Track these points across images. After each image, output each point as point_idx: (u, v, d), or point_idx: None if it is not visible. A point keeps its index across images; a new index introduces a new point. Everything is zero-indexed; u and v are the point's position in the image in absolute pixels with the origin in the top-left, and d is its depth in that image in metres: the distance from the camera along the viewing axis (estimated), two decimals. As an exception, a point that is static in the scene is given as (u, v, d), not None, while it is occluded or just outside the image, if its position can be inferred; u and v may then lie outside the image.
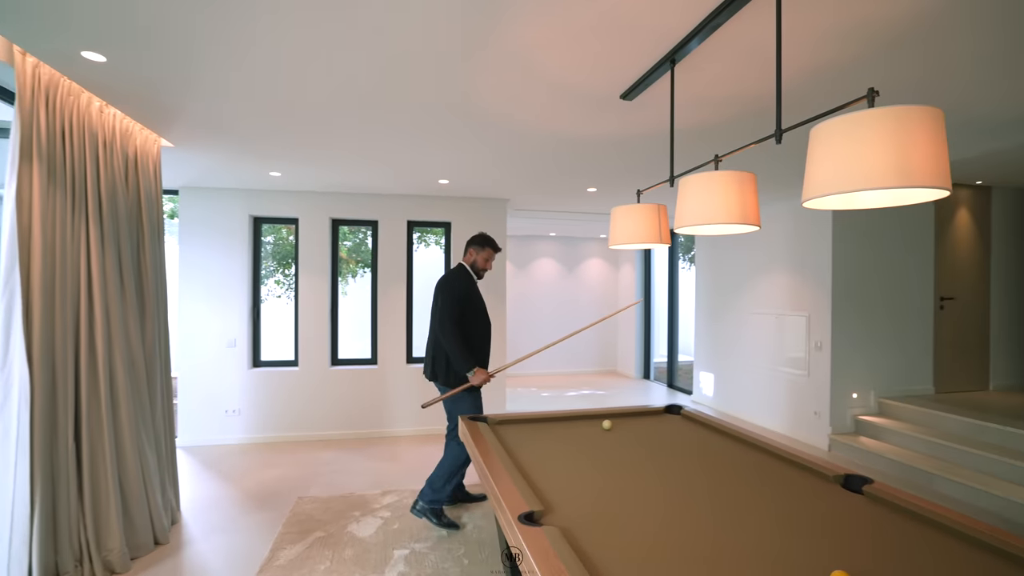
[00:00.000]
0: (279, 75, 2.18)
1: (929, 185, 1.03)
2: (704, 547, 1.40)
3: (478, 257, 3.14)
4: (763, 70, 2.09)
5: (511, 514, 1.55)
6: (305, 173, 3.97)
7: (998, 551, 1.34)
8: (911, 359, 4.67)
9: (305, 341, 4.68)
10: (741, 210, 1.59)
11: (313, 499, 3.30)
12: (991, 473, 3.42)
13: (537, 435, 2.47)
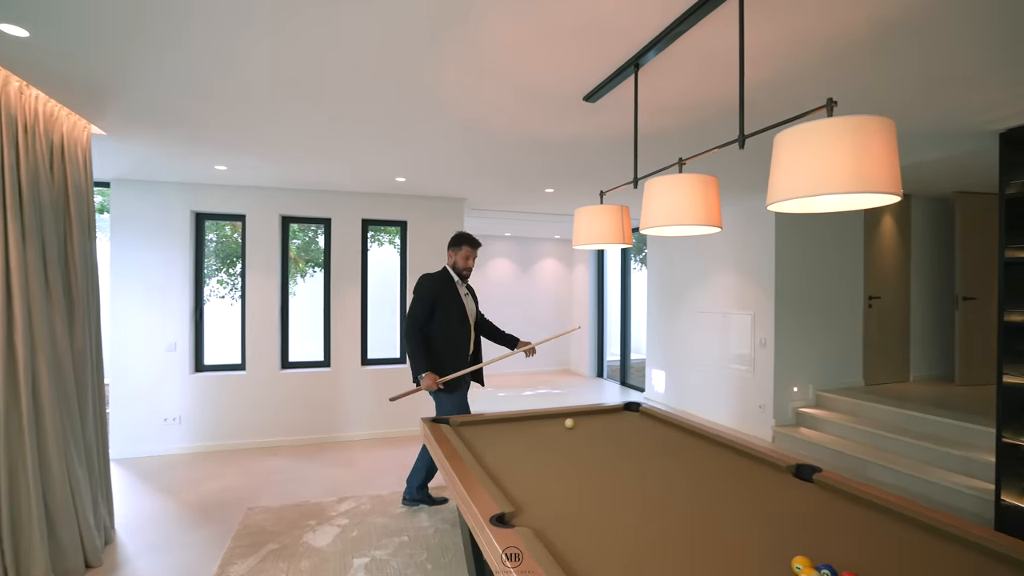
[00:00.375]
0: (226, 60, 2.05)
1: (883, 191, 1.10)
2: (673, 539, 1.43)
3: (457, 257, 3.08)
4: (723, 77, 2.17)
5: (482, 517, 1.53)
6: (254, 167, 3.78)
7: (934, 529, 1.45)
8: (844, 354, 5.01)
9: (253, 344, 4.46)
10: (705, 212, 1.64)
11: (264, 509, 3.15)
12: (915, 458, 3.72)
13: (501, 436, 2.45)
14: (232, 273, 6.46)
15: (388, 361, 4.91)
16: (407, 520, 3.00)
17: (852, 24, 1.75)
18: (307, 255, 7.24)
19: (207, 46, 1.92)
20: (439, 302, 2.98)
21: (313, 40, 1.88)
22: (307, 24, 1.77)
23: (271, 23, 1.76)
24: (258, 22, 1.75)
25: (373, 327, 4.92)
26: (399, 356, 4.99)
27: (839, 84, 2.24)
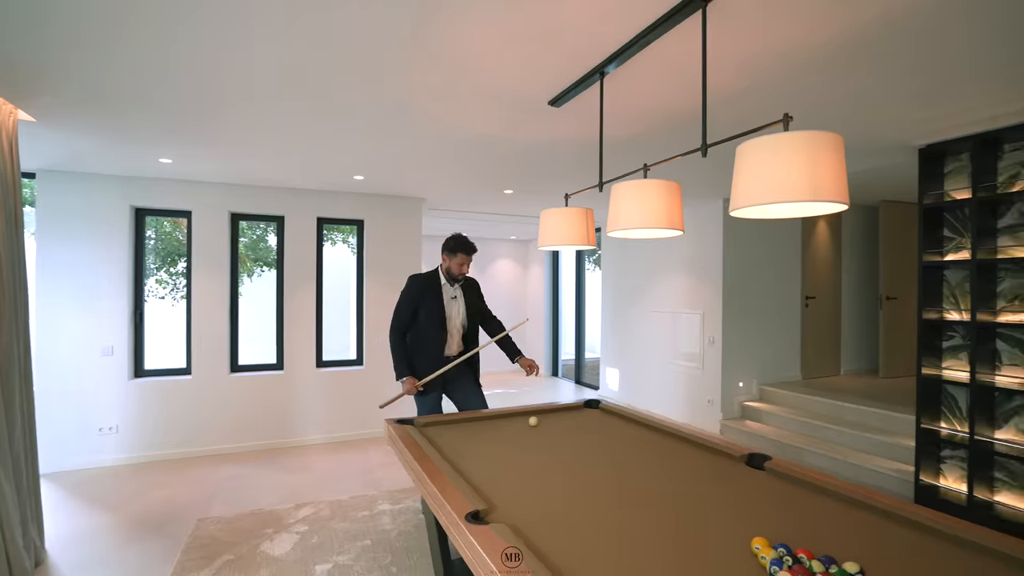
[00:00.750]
0: (175, 49, 1.96)
1: (834, 200, 1.21)
2: (640, 527, 1.50)
3: (451, 263, 2.99)
4: (684, 87, 2.27)
5: (457, 515, 1.55)
6: (202, 162, 3.60)
7: (869, 507, 1.60)
8: (784, 350, 5.34)
9: (200, 346, 4.23)
10: (669, 216, 1.73)
11: (216, 519, 3.01)
12: (846, 444, 4.02)
13: (466, 435, 2.47)
14: (173, 272, 6.11)
15: (344, 363, 4.80)
16: (369, 524, 2.96)
17: (803, 44, 1.89)
18: (255, 254, 6.96)
19: (155, 31, 1.82)
20: (421, 304, 2.97)
21: (272, 34, 1.83)
22: (268, 17, 1.72)
23: (226, 10, 1.70)
24: (211, 10, 1.68)
25: (328, 328, 4.79)
26: (355, 358, 4.88)
27: (791, 97, 2.40)
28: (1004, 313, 2.97)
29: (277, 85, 2.28)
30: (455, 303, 3.06)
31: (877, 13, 1.67)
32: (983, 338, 3.00)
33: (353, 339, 4.95)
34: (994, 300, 3.01)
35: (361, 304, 4.86)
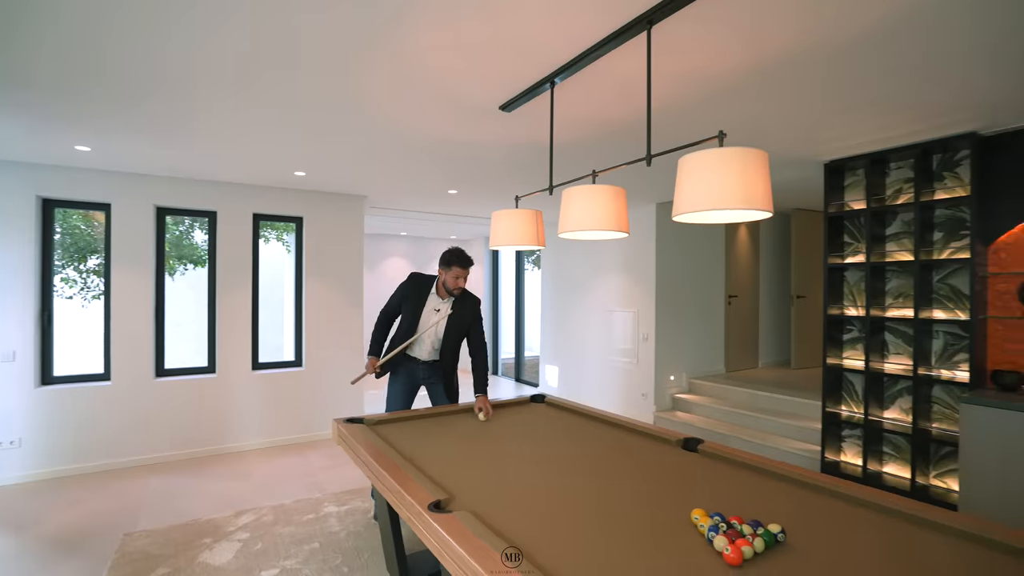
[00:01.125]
0: (102, 25, 1.85)
1: (761, 208, 1.38)
2: (592, 506, 1.63)
3: (446, 276, 2.92)
4: (627, 99, 2.43)
5: (419, 506, 1.60)
6: (124, 150, 3.35)
7: (791, 480, 1.82)
8: (710, 345, 5.76)
9: (121, 350, 3.93)
10: (616, 219, 1.87)
11: (146, 533, 2.83)
12: (763, 429, 4.43)
13: (418, 431, 2.50)
14: (82, 270, 5.60)
15: (281, 365, 4.63)
16: (316, 527, 2.90)
17: (736, 67, 2.10)
18: (178, 251, 6.51)
19: (77, 3, 1.72)
20: (406, 302, 3.02)
21: (214, 21, 1.79)
22: (215, 4, 1.68)
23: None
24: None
25: (266, 330, 4.60)
26: (293, 359, 4.72)
27: (717, 114, 2.63)
28: (891, 309, 3.41)
29: (217, 75, 2.20)
30: (436, 315, 2.99)
31: (781, 46, 1.90)
32: (874, 331, 3.43)
33: (291, 340, 4.78)
34: (883, 297, 3.45)
35: (300, 304, 4.70)
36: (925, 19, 1.72)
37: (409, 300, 3.01)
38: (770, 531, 1.38)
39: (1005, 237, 2.92)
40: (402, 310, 3.03)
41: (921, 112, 2.61)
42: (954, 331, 3.13)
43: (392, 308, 3.08)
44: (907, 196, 3.27)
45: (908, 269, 3.30)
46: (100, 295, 5.75)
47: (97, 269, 5.74)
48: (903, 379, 3.33)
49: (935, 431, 3.16)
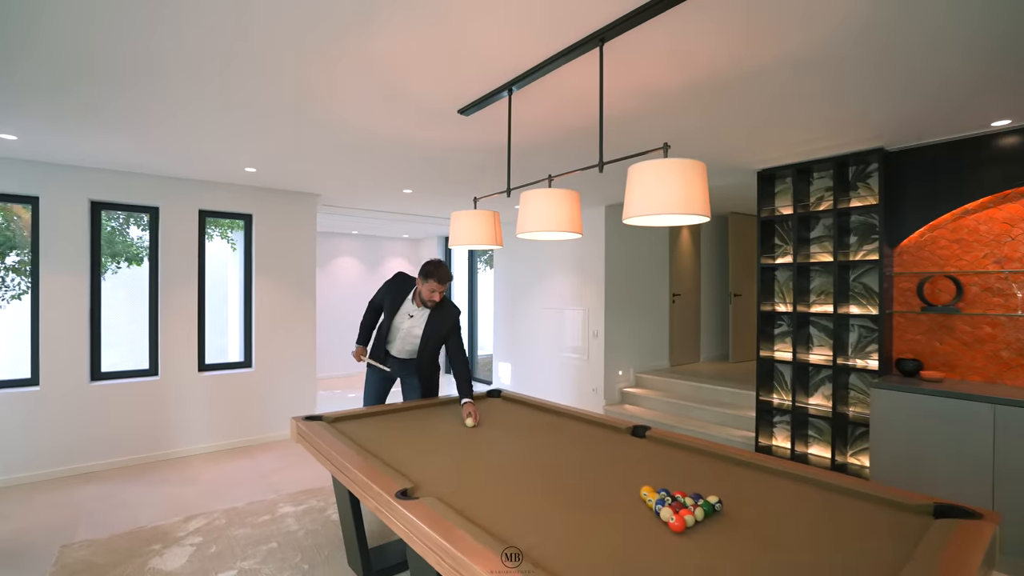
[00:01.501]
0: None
1: (700, 213, 1.54)
2: (550, 488, 1.75)
3: (423, 288, 2.89)
4: (584, 108, 2.57)
5: (387, 494, 1.66)
6: (57, 139, 3.16)
7: (728, 458, 2.02)
8: (655, 341, 6.07)
9: (51, 353, 3.69)
10: (571, 221, 2.00)
11: (86, 543, 2.70)
12: (704, 419, 4.73)
13: (377, 426, 2.55)
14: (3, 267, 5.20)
15: (229, 366, 4.49)
16: (273, 527, 2.87)
17: (676, 85, 2.28)
18: (111, 248, 6.15)
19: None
20: (385, 302, 3.09)
21: (170, 10, 1.78)
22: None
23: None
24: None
25: (212, 330, 4.45)
26: (242, 360, 4.59)
27: (663, 125, 2.82)
28: (815, 305, 3.76)
29: (161, 68, 2.15)
30: (410, 321, 3.00)
31: (713, 71, 2.10)
32: (801, 325, 3.76)
33: (235, 341, 4.64)
34: (808, 295, 3.80)
35: (249, 304, 4.58)
36: (836, 51, 1.96)
37: (388, 304, 3.06)
38: (709, 502, 1.55)
39: (907, 241, 3.30)
40: (384, 308, 3.11)
41: (836, 129, 2.91)
42: (866, 324, 3.49)
43: (376, 302, 3.21)
44: (827, 203, 3.62)
45: (828, 269, 3.64)
46: (20, 295, 5.36)
47: (17, 267, 5.34)
48: (825, 368, 3.68)
49: (851, 414, 3.51)
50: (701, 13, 1.70)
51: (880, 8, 1.67)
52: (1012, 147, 2.85)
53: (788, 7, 1.66)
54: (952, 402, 2.72)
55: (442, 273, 2.86)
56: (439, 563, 1.35)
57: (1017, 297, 2.86)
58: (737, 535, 1.42)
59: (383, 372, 3.14)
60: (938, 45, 1.91)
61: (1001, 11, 1.69)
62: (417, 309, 3.00)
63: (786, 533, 1.44)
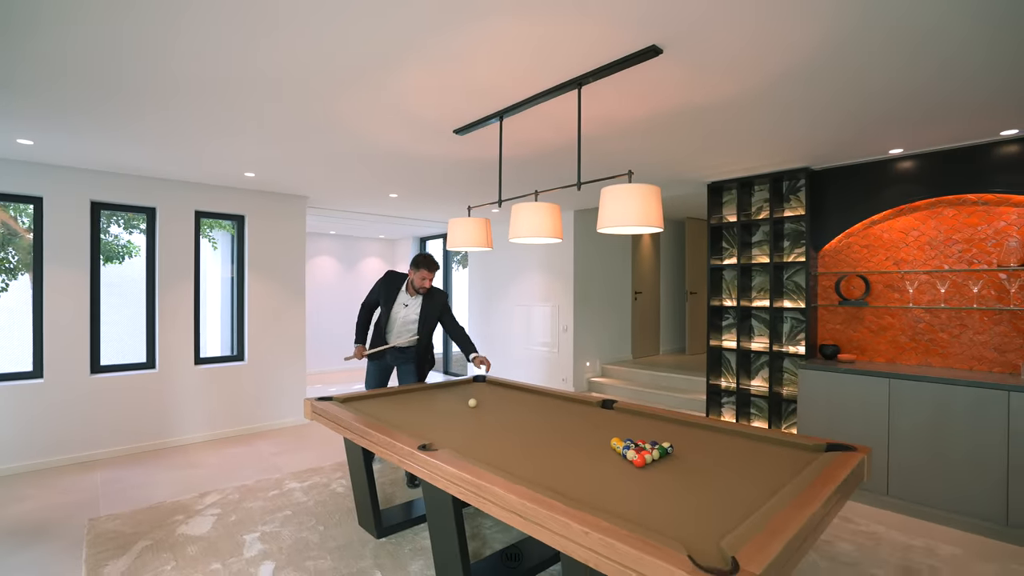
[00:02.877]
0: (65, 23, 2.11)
1: (655, 226, 2.02)
2: (536, 444, 2.19)
3: (414, 276, 3.44)
4: (564, 132, 3.02)
5: (411, 448, 2.06)
6: (67, 144, 3.36)
7: (679, 420, 2.51)
8: (619, 335, 6.61)
9: (54, 347, 3.87)
10: (554, 229, 2.45)
11: (111, 517, 2.96)
12: (664, 405, 5.29)
13: (384, 404, 2.93)
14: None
15: (224, 359, 4.73)
16: (283, 500, 3.20)
17: (638, 117, 2.76)
18: (105, 246, 6.21)
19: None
20: (381, 296, 3.53)
21: (213, 43, 2.12)
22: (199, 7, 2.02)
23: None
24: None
25: (208, 325, 4.67)
26: (235, 353, 4.84)
27: (632, 145, 3.31)
28: (755, 300, 4.35)
29: (192, 90, 2.48)
30: (406, 310, 3.52)
31: (668, 106, 2.59)
32: (744, 318, 4.35)
33: (232, 335, 4.88)
34: (750, 291, 4.39)
35: (242, 300, 4.83)
36: (764, 95, 2.48)
37: (383, 298, 3.53)
38: (663, 446, 2.03)
39: (828, 246, 3.92)
40: (380, 303, 3.55)
41: (770, 151, 3.48)
42: (797, 316, 4.10)
43: (370, 301, 3.61)
44: (766, 212, 4.21)
45: (766, 269, 4.24)
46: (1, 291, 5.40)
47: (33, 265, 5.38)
48: (764, 354, 4.27)
49: (785, 393, 4.11)
50: (657, 67, 2.18)
51: (797, 62, 2.18)
52: (906, 170, 3.49)
53: (724, 63, 2.16)
54: (860, 378, 3.32)
55: (432, 263, 3.44)
56: (461, 492, 1.77)
57: (909, 292, 3.50)
58: (682, 468, 1.91)
59: (383, 362, 3.55)
60: (846, 89, 2.45)
61: (892, 66, 2.24)
62: (411, 298, 3.54)
63: (718, 466, 1.93)
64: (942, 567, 2.47)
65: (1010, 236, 3.14)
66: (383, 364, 3.63)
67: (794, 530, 1.34)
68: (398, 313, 3.52)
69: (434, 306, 3.56)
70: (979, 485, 2.85)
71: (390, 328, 3.54)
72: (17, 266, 5.17)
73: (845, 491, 1.73)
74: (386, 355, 3.60)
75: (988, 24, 1.81)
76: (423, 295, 3.52)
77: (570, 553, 1.38)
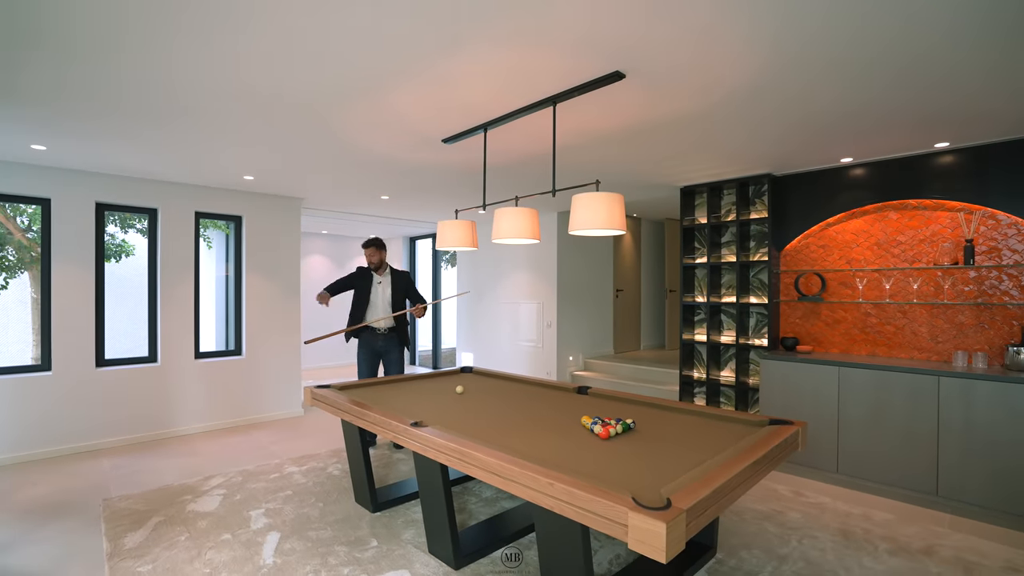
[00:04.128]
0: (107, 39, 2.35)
1: (619, 229, 2.31)
2: (519, 422, 2.47)
3: (367, 255, 4.23)
4: (541, 142, 3.30)
5: (404, 425, 2.33)
6: (75, 149, 3.56)
7: (642, 402, 2.81)
8: (601, 331, 6.92)
9: (61, 342, 4.07)
10: (532, 230, 2.73)
11: (124, 497, 3.19)
12: (641, 394, 5.59)
13: (378, 391, 3.19)
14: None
15: (223, 354, 4.94)
16: (284, 481, 3.44)
17: (611, 128, 3.05)
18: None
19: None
20: (356, 284, 4.15)
21: (227, 64, 2.37)
22: (222, 29, 2.28)
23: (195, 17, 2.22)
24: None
25: (207, 321, 4.88)
26: (233, 348, 5.05)
27: (606, 154, 3.60)
28: (724, 296, 4.67)
29: (211, 109, 2.72)
30: (381, 286, 4.23)
31: (639, 119, 2.88)
32: (714, 313, 4.66)
33: (231, 330, 5.10)
34: (720, 288, 4.71)
35: (240, 297, 5.04)
36: (724, 110, 2.78)
37: (356, 283, 4.18)
38: (626, 422, 2.32)
39: (789, 246, 4.25)
40: (355, 289, 4.18)
41: (734, 159, 3.79)
42: (761, 311, 4.43)
43: (344, 281, 4.25)
44: (733, 215, 4.53)
45: (734, 267, 4.56)
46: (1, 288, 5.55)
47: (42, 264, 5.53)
48: (731, 347, 4.59)
49: (751, 383, 4.43)
50: (622, 89, 2.46)
51: (742, 83, 2.48)
52: (857, 177, 3.82)
53: (677, 86, 2.45)
54: (814, 367, 3.65)
55: (368, 242, 4.25)
56: (449, 460, 2.05)
57: (859, 289, 3.84)
58: (642, 439, 2.20)
59: (371, 346, 4.11)
60: (788, 106, 2.76)
61: (833, 88, 2.54)
62: (381, 277, 4.21)
63: (672, 438, 2.23)
64: (874, 529, 2.79)
65: (944, 238, 3.48)
66: (372, 350, 4.16)
67: (722, 481, 1.64)
68: (375, 292, 4.18)
69: (401, 279, 4.31)
70: (914, 460, 3.19)
71: (371, 309, 4.16)
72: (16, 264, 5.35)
73: (777, 454, 2.04)
74: (377, 340, 4.13)
75: (917, 57, 2.12)
76: (392, 275, 4.25)
77: (538, 502, 1.66)
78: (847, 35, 1.95)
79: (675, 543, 1.36)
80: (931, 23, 1.86)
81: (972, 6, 1.74)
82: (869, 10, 1.78)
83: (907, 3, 1.73)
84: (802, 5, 1.75)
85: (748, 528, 2.80)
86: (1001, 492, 2.90)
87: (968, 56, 2.10)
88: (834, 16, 1.82)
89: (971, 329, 3.39)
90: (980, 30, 1.90)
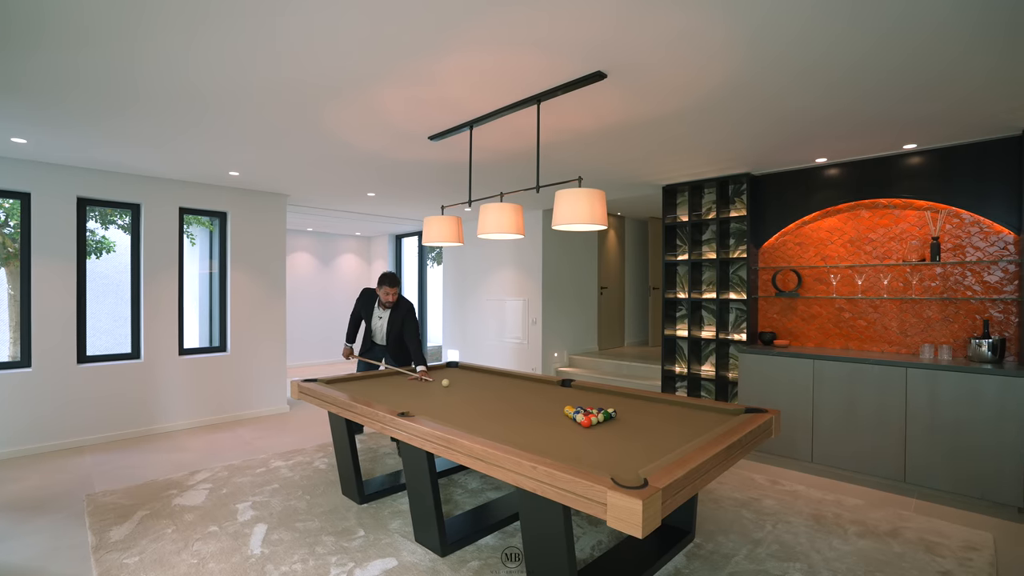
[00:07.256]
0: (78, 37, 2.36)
1: (600, 224, 2.38)
2: (503, 413, 2.53)
3: (380, 293, 3.96)
4: (525, 140, 3.37)
5: (392, 415, 2.38)
6: (56, 143, 3.53)
7: (623, 393, 2.89)
8: (586, 327, 7.01)
9: (41, 338, 4.02)
10: (517, 226, 2.79)
11: (108, 492, 3.18)
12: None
13: (365, 385, 3.22)
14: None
15: (208, 350, 4.92)
16: (270, 475, 3.46)
17: (591, 128, 3.12)
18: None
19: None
20: (362, 311, 4.12)
21: (212, 55, 2.39)
22: (215, 29, 2.30)
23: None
24: (200, 58, 2.21)
25: (192, 317, 4.86)
26: (218, 344, 5.03)
27: (588, 152, 3.67)
28: (705, 292, 4.79)
29: (197, 99, 2.74)
30: (380, 321, 4.07)
31: (616, 119, 2.96)
32: (695, 309, 4.78)
33: (215, 327, 5.08)
34: (700, 285, 4.82)
35: (224, 294, 5.02)
36: (703, 111, 2.87)
37: (362, 311, 4.10)
38: (608, 411, 2.39)
39: (767, 243, 4.37)
40: (363, 316, 4.11)
41: (716, 157, 3.89)
42: (740, 307, 4.55)
43: (355, 313, 4.17)
44: (713, 213, 4.64)
45: (714, 264, 4.67)
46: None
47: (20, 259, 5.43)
48: (712, 342, 4.71)
49: (731, 376, 4.55)
50: (604, 89, 2.54)
51: (716, 85, 2.57)
52: (831, 177, 3.96)
53: (655, 87, 2.54)
54: (789, 360, 3.77)
55: (393, 280, 3.96)
56: (434, 447, 2.10)
57: (833, 285, 3.97)
58: (623, 427, 2.27)
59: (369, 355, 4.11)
60: (760, 109, 2.86)
61: (806, 95, 2.65)
62: (383, 311, 4.06)
63: (653, 427, 2.31)
64: (844, 513, 2.91)
65: (913, 236, 3.62)
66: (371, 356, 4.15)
67: (697, 463, 1.72)
68: (376, 323, 4.10)
69: (399, 315, 4.04)
70: (884, 449, 3.33)
71: (374, 334, 4.12)
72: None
73: (751, 440, 2.13)
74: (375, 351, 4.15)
75: (886, 70, 2.23)
76: (391, 309, 4.03)
77: (521, 485, 1.73)
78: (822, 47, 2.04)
79: (651, 520, 1.44)
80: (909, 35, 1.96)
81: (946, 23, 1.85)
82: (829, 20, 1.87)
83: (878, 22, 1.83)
84: (776, 13, 1.84)
85: (725, 515, 2.90)
86: (963, 477, 3.04)
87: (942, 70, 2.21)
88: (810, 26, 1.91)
89: (937, 323, 3.54)
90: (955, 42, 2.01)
